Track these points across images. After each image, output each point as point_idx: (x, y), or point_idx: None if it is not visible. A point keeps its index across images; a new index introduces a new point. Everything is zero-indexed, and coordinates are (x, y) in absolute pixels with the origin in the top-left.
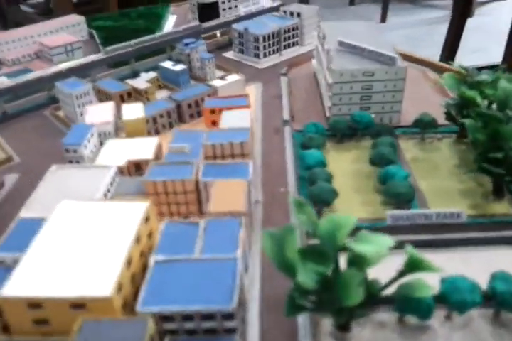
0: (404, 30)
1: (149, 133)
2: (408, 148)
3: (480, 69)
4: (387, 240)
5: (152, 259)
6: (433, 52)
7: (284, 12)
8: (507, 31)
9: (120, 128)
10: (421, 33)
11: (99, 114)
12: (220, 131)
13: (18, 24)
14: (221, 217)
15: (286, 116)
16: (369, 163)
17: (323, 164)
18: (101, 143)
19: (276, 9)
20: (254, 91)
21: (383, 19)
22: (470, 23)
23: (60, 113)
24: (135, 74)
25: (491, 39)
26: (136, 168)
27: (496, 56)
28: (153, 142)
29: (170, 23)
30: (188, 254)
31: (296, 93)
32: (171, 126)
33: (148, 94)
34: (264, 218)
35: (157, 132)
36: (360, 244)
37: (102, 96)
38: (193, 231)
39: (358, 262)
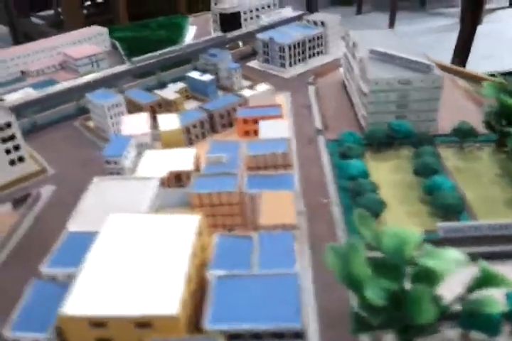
0: (413, 38)
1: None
2: (448, 157)
3: (492, 75)
4: (457, 254)
5: (212, 275)
6: (443, 60)
7: (308, 21)
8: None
9: (156, 139)
10: (430, 41)
11: (135, 125)
12: (260, 141)
13: (28, 36)
14: (273, 230)
15: (318, 125)
16: (413, 173)
17: (365, 174)
18: (139, 154)
19: (298, 18)
20: (283, 100)
21: (391, 27)
22: (479, 29)
23: (90, 123)
24: (161, 85)
25: (501, 46)
26: (177, 179)
27: (507, 62)
28: (191, 153)
29: (191, 34)
30: (245, 269)
31: (325, 102)
32: (203, 136)
33: (178, 104)
34: (308, 229)
35: (191, 142)
36: (429, 259)
37: (132, 106)
38: (246, 245)
39: (427, 278)
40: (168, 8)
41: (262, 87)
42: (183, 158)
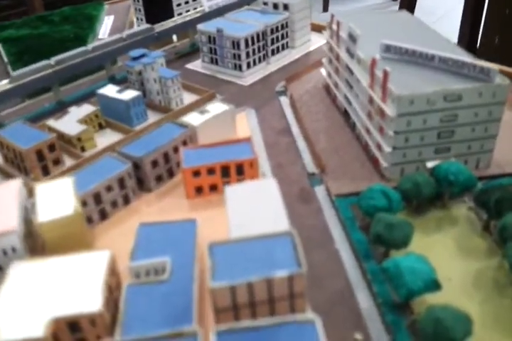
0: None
1: (90, 221)
2: None
3: None
4: None
5: None
6: None
7: (265, 4)
8: (447, 12)
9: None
10: None
11: None
12: (233, 243)
13: None
14: None
15: (310, 166)
16: (508, 271)
17: (435, 286)
18: None
19: (251, 1)
20: (245, 122)
21: (325, 8)
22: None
23: None
24: (61, 106)
25: (432, 22)
26: (72, 329)
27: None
28: (100, 263)
29: (106, 27)
30: None
31: (309, 122)
32: (126, 201)
33: (84, 141)
34: None
35: (104, 216)
36: None
37: (9, 153)
38: None
39: None
40: None
41: (217, 108)
42: (83, 279)
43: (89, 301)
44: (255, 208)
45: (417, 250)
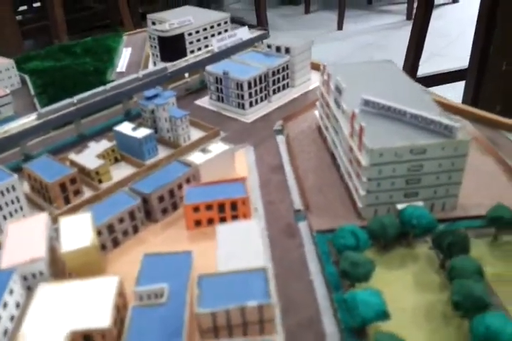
0: (362, 37)
1: (104, 248)
2: (483, 255)
3: (447, 73)
4: None
5: None
6: (391, 57)
7: (269, 46)
8: (460, 35)
9: (58, 258)
10: (378, 39)
11: (23, 241)
12: (218, 276)
13: None
14: None
15: (297, 203)
16: (451, 306)
17: (385, 316)
18: (28, 289)
19: (258, 40)
20: (243, 159)
21: (340, 26)
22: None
23: None
24: (81, 138)
25: (445, 43)
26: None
27: (455, 61)
28: (110, 286)
29: (124, 60)
30: None
31: (300, 161)
32: (135, 230)
33: (101, 175)
34: None
35: (116, 244)
36: None
37: (36, 184)
38: None
39: None
40: (107, 14)
41: (218, 148)
42: (96, 300)
43: (101, 318)
44: (239, 246)
45: (380, 283)
